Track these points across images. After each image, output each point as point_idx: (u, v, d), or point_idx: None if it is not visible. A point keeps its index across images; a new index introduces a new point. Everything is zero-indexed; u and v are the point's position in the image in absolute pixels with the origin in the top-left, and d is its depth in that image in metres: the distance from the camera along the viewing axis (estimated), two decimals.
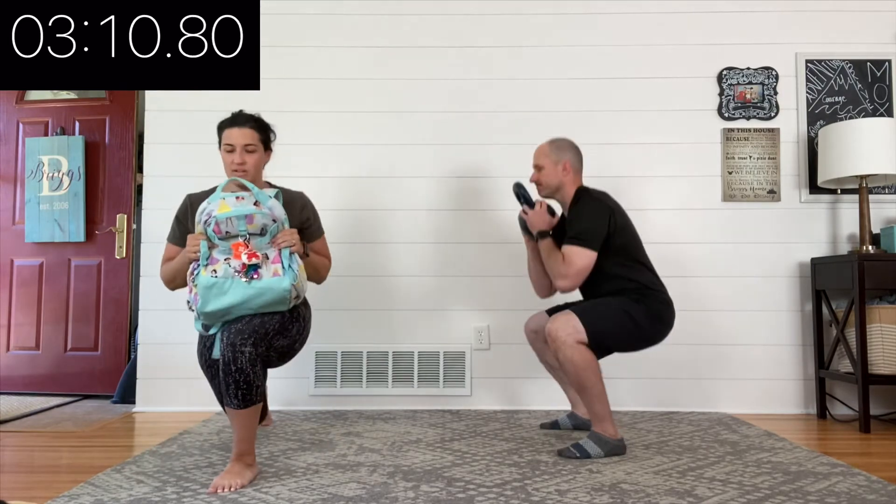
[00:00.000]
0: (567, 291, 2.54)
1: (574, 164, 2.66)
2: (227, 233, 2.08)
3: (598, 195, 2.61)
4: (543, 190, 2.70)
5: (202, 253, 2.10)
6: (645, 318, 2.49)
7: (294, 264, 2.14)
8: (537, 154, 2.70)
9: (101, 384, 3.85)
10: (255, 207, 2.09)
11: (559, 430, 2.88)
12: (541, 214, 2.65)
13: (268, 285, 2.09)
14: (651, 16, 3.54)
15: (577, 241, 2.49)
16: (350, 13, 3.55)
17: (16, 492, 2.01)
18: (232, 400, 2.05)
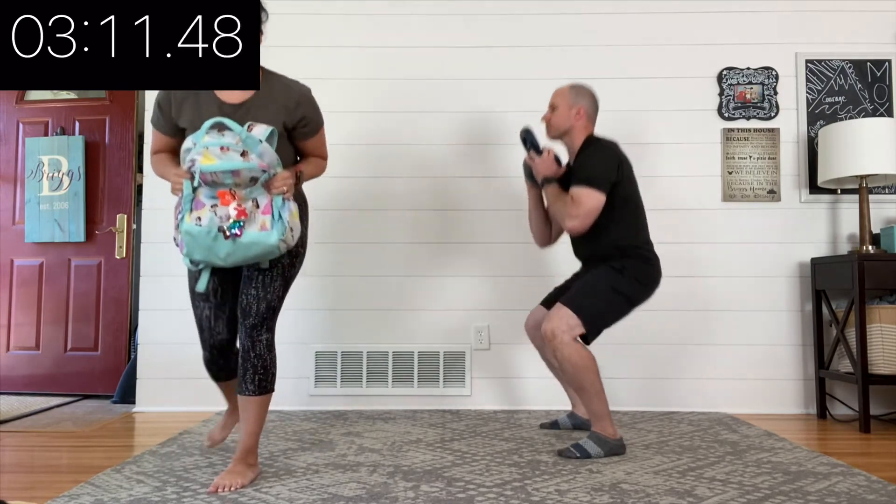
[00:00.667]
0: (576, 233, 2.54)
1: (588, 112, 2.66)
2: (213, 182, 1.92)
3: (609, 143, 2.61)
4: (552, 131, 2.68)
5: (185, 195, 1.94)
6: (631, 287, 2.51)
7: (285, 212, 1.98)
8: (555, 94, 2.69)
9: (101, 384, 3.85)
10: (241, 160, 1.89)
11: (559, 429, 2.88)
12: (548, 162, 2.65)
13: (254, 240, 1.93)
14: (651, 16, 3.54)
15: (586, 183, 2.49)
16: (350, 13, 3.55)
17: (16, 492, 2.01)
18: (248, 386, 2.05)
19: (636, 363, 3.40)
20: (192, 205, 1.94)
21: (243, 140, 1.91)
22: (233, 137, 1.91)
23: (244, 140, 1.91)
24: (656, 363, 3.41)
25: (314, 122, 2.19)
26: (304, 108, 2.14)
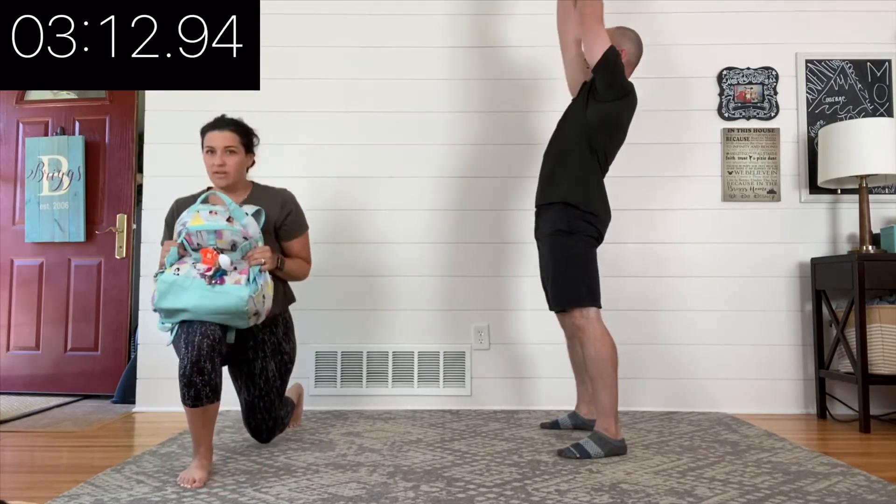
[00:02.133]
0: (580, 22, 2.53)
1: (630, 56, 2.63)
2: (198, 244, 2.15)
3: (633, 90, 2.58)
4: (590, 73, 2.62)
5: (170, 257, 2.13)
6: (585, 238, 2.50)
7: (260, 279, 2.15)
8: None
9: (101, 384, 3.85)
10: (226, 224, 2.13)
11: (559, 429, 2.88)
12: None
13: (226, 290, 2.06)
14: (651, 16, 3.54)
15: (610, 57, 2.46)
16: (350, 13, 3.55)
17: (16, 492, 2.01)
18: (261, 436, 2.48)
19: (636, 363, 3.40)
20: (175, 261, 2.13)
21: (231, 210, 2.17)
22: (222, 207, 2.19)
23: (232, 210, 2.17)
24: (656, 363, 3.41)
25: (299, 222, 2.49)
26: (290, 206, 2.45)
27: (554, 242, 2.54)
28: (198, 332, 2.07)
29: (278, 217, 2.41)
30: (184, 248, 2.16)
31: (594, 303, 2.50)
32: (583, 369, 2.83)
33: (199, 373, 2.04)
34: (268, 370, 2.37)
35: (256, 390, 2.38)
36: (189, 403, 2.06)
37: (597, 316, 2.49)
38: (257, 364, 2.36)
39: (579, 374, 2.89)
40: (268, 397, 2.40)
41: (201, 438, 2.13)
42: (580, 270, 2.49)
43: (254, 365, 2.36)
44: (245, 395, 2.41)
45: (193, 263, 2.10)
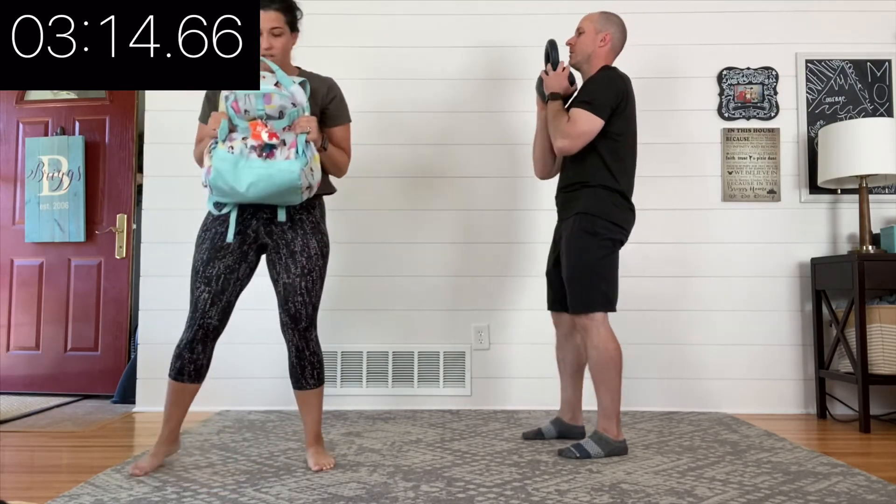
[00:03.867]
0: (565, 153, 2.50)
1: (614, 40, 2.61)
2: (245, 111, 2.09)
3: (621, 74, 2.56)
4: (575, 57, 2.63)
5: (221, 129, 2.08)
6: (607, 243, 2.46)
7: (308, 152, 2.10)
8: (584, 19, 2.63)
9: (101, 384, 3.85)
10: (274, 88, 2.07)
11: (544, 439, 2.70)
12: (560, 77, 2.59)
13: (278, 167, 2.05)
14: (651, 16, 3.54)
15: (585, 105, 2.45)
16: (350, 13, 3.55)
17: (16, 492, 2.01)
18: (309, 381, 2.27)
19: (636, 363, 3.39)
20: (226, 138, 2.09)
21: (279, 76, 2.10)
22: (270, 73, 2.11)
23: (279, 76, 2.10)
24: (656, 363, 3.41)
25: (343, 108, 2.36)
26: (336, 91, 2.34)
27: (574, 246, 2.48)
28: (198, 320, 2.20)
29: (324, 99, 2.30)
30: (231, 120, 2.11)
31: (608, 308, 2.46)
32: (569, 373, 2.72)
33: (190, 350, 2.21)
34: (310, 247, 2.25)
35: (298, 268, 2.23)
36: (171, 375, 2.23)
37: (603, 319, 2.44)
38: (298, 242, 2.24)
39: (565, 377, 2.74)
40: (310, 276, 2.25)
41: (170, 417, 2.25)
42: (598, 275, 2.45)
43: (294, 243, 2.24)
44: (284, 279, 2.24)
45: (243, 139, 2.07)
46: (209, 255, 2.20)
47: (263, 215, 2.24)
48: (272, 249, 2.26)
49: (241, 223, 2.23)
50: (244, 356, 3.43)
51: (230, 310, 2.25)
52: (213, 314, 2.21)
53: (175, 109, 3.50)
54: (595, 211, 2.46)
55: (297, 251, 2.24)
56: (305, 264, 2.24)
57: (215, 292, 2.20)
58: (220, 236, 2.22)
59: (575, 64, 2.65)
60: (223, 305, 2.22)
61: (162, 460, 2.26)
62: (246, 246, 2.24)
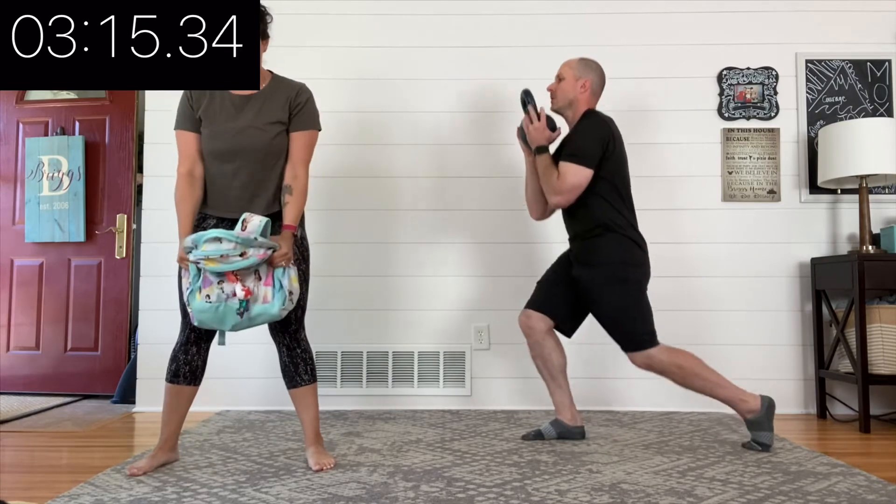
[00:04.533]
0: (560, 207, 2.61)
1: (594, 86, 2.67)
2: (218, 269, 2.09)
3: (605, 118, 2.62)
4: (556, 102, 2.69)
5: (192, 274, 2.10)
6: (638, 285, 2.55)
7: (286, 280, 2.14)
8: (564, 65, 2.71)
9: (101, 384, 3.85)
10: (241, 260, 2.05)
11: (543, 440, 2.68)
12: (540, 130, 2.64)
13: (259, 312, 2.10)
14: (651, 16, 3.54)
15: (573, 158, 2.53)
16: (351, 13, 3.55)
17: (16, 492, 2.01)
18: (303, 377, 2.29)
19: None
20: (200, 283, 2.09)
21: (240, 244, 2.05)
22: (229, 244, 2.04)
23: (241, 243, 2.05)
24: None
25: (309, 114, 2.31)
26: (305, 95, 2.31)
27: (608, 295, 2.54)
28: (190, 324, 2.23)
29: (293, 102, 2.27)
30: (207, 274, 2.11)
31: (655, 343, 2.53)
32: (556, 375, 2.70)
33: (185, 353, 2.25)
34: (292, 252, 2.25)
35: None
36: (167, 378, 2.26)
37: (657, 350, 2.52)
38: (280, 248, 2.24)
39: (553, 381, 2.70)
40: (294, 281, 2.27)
41: (168, 422, 2.26)
42: (639, 319, 2.52)
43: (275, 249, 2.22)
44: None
45: (219, 283, 2.08)
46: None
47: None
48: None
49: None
50: (243, 356, 3.43)
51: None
52: None
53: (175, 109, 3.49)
54: (619, 259, 2.54)
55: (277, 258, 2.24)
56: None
57: None
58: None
59: (557, 109, 2.72)
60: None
61: (159, 464, 2.26)
62: None
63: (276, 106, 2.25)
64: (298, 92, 2.30)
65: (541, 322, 2.69)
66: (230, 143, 2.20)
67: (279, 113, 2.25)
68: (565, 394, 2.72)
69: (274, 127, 2.24)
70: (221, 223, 2.26)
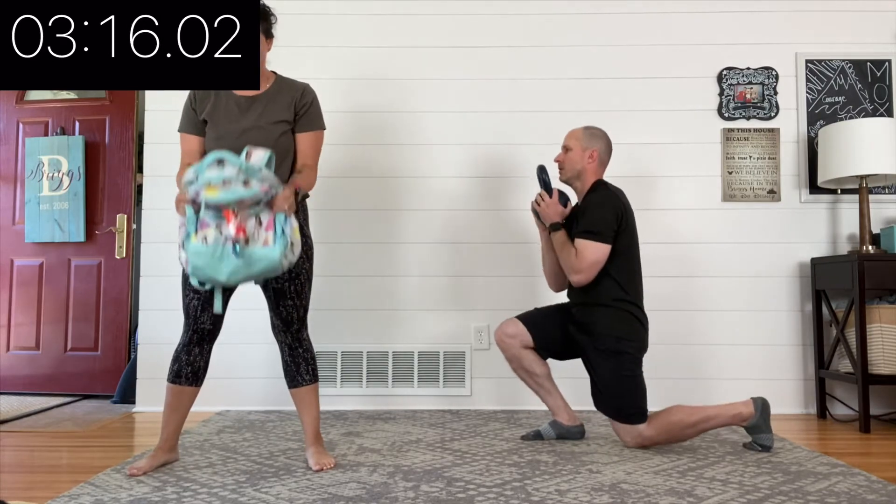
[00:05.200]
0: (582, 285, 2.56)
1: (602, 156, 2.66)
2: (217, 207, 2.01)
3: (615, 190, 2.61)
4: (565, 173, 2.68)
5: (189, 217, 2.02)
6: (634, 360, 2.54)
7: (288, 228, 2.06)
8: (569, 136, 2.69)
9: (101, 384, 3.85)
10: (244, 189, 1.98)
11: (543, 440, 2.70)
12: (553, 206, 2.63)
13: (258, 255, 2.01)
14: (651, 16, 3.54)
15: (589, 235, 2.51)
16: (351, 13, 3.55)
17: (16, 492, 2.01)
18: (305, 377, 2.31)
19: None
20: (197, 225, 2.02)
21: (244, 170, 1.99)
22: (233, 169, 1.98)
23: (244, 170, 1.99)
24: (656, 363, 3.40)
25: (316, 114, 2.33)
26: (310, 96, 2.33)
27: (605, 365, 2.53)
28: (192, 325, 2.23)
29: (297, 105, 2.28)
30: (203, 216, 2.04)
31: (645, 419, 2.52)
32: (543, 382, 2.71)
33: (187, 353, 2.25)
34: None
35: (285, 273, 2.22)
36: (169, 378, 2.26)
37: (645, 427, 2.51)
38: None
39: (539, 389, 2.73)
40: (298, 280, 2.25)
41: (168, 422, 2.26)
42: (631, 391, 2.51)
43: None
44: (273, 283, 2.24)
45: (217, 226, 2.01)
46: None
47: None
48: None
49: None
50: (244, 356, 3.43)
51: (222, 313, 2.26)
52: (206, 319, 2.23)
53: (175, 109, 3.46)
54: (618, 333, 2.53)
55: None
56: (292, 268, 2.24)
57: (205, 298, 2.22)
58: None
59: (566, 180, 2.70)
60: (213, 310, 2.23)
61: (159, 464, 2.25)
62: None
63: (281, 106, 2.26)
64: (304, 92, 2.31)
65: (525, 336, 2.68)
66: (235, 143, 2.19)
67: (284, 113, 2.26)
68: (557, 397, 2.73)
69: (279, 126, 2.25)
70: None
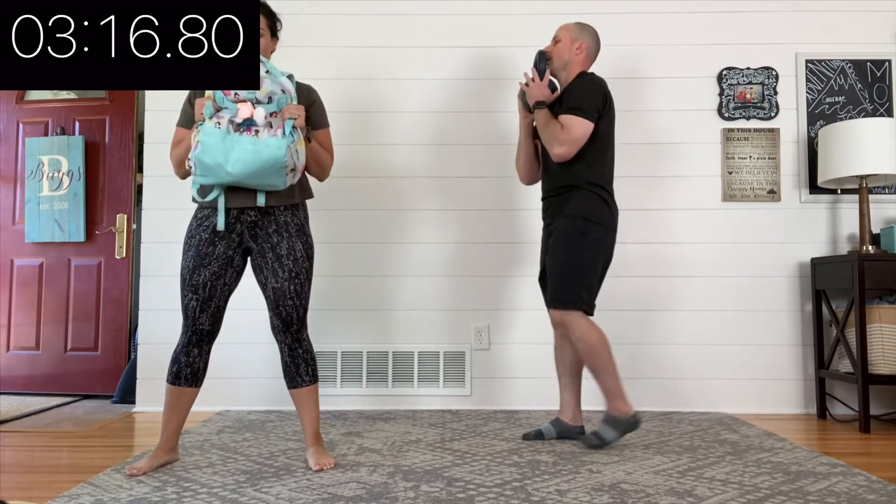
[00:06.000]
0: (564, 159, 2.57)
1: (589, 49, 2.71)
2: (235, 93, 2.10)
3: (599, 78, 2.66)
4: (552, 63, 2.71)
5: (207, 109, 2.09)
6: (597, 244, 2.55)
7: (295, 135, 2.13)
8: (560, 28, 2.74)
9: (101, 384, 3.85)
10: (265, 74, 2.11)
11: (543, 439, 2.69)
12: (541, 87, 2.67)
13: (265, 143, 2.07)
14: (651, 16, 3.54)
15: (576, 111, 2.55)
16: (353, 13, 3.55)
17: (16, 492, 2.01)
18: (304, 378, 2.29)
19: (636, 363, 3.40)
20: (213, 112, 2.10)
21: (267, 65, 2.13)
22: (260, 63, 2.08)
23: (268, 66, 2.13)
24: (656, 363, 3.41)
25: (322, 113, 2.39)
26: (315, 96, 2.38)
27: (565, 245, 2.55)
28: (191, 326, 2.23)
29: (306, 101, 2.33)
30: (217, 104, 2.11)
31: (587, 309, 2.54)
32: (569, 373, 2.73)
33: (186, 354, 2.25)
34: (296, 250, 2.25)
35: (286, 272, 2.23)
36: (168, 379, 2.26)
37: (581, 316, 2.52)
38: (284, 245, 2.24)
39: (564, 377, 2.74)
40: (298, 279, 2.25)
41: (168, 423, 2.27)
42: (583, 275, 2.54)
43: (280, 246, 2.24)
44: (273, 283, 2.23)
45: (231, 117, 2.09)
46: (195, 262, 2.21)
47: (248, 218, 2.23)
48: (257, 254, 2.26)
49: (226, 226, 2.22)
50: (244, 356, 3.43)
51: (221, 314, 2.28)
52: (204, 320, 2.23)
53: (175, 109, 3.46)
54: (586, 214, 2.56)
55: (283, 255, 2.24)
56: (293, 268, 2.25)
57: (203, 299, 2.22)
58: (204, 243, 2.22)
59: (553, 71, 2.73)
60: (213, 311, 2.24)
61: (159, 464, 2.26)
62: (231, 251, 2.24)
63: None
64: (309, 93, 2.35)
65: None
66: None
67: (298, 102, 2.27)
68: (572, 394, 2.74)
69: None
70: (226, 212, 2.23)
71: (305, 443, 2.32)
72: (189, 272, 2.22)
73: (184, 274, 2.23)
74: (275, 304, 2.25)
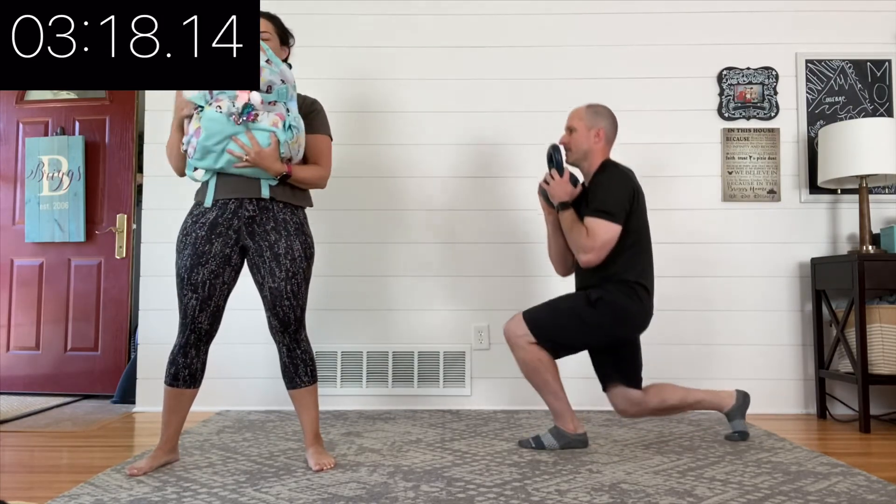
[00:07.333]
0: (591, 266, 2.49)
1: (608, 134, 2.60)
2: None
3: (625, 169, 2.56)
4: (572, 155, 2.61)
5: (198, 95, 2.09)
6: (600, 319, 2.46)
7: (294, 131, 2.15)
8: (572, 116, 2.62)
9: (101, 384, 3.86)
10: (265, 63, 2.09)
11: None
12: (563, 184, 2.54)
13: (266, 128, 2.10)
14: (651, 16, 3.54)
15: (601, 214, 2.44)
16: (353, 13, 3.55)
17: (16, 492, 2.01)
18: (303, 378, 2.29)
19: None
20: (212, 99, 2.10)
21: (268, 54, 2.12)
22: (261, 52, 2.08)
23: (269, 54, 2.12)
24: (656, 363, 3.40)
25: (323, 121, 2.38)
26: (318, 105, 2.39)
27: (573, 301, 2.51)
28: (189, 326, 2.22)
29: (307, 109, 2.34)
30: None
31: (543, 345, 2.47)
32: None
33: (184, 355, 2.24)
34: (293, 249, 2.23)
35: (283, 272, 2.21)
36: (167, 381, 2.25)
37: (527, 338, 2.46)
38: (282, 244, 2.22)
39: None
40: (295, 279, 2.22)
41: (168, 424, 2.26)
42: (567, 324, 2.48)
43: (278, 245, 2.22)
44: (270, 283, 2.21)
45: (231, 101, 2.08)
46: (192, 261, 2.19)
47: (245, 213, 2.21)
48: (254, 252, 2.24)
49: (222, 223, 2.21)
50: (244, 356, 3.43)
51: (220, 313, 2.26)
52: (203, 319, 2.22)
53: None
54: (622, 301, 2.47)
55: (280, 254, 2.22)
56: (290, 267, 2.22)
57: (203, 298, 2.20)
58: (201, 240, 2.20)
59: (573, 162, 2.63)
60: (212, 310, 2.23)
61: (159, 465, 2.25)
62: (228, 249, 2.22)
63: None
64: (313, 102, 2.37)
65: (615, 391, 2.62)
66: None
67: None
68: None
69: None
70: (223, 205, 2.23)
71: (305, 443, 2.32)
72: (187, 271, 2.20)
73: (181, 272, 2.21)
74: (271, 304, 2.23)
